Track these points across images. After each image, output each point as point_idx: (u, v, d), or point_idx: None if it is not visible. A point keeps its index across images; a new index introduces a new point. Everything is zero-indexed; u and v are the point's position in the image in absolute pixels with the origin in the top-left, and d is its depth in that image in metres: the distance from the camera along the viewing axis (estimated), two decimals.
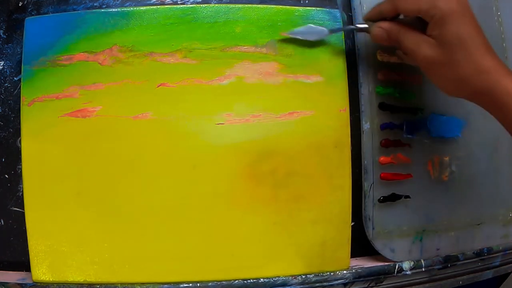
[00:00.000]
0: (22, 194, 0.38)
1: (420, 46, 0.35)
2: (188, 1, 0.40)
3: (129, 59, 0.38)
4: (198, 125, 0.39)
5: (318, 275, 0.40)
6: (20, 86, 0.38)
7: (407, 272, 0.42)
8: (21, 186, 0.39)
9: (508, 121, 0.35)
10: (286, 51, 0.40)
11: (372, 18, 0.39)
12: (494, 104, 0.35)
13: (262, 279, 0.39)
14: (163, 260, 0.38)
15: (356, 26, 0.40)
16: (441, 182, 0.43)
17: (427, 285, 0.44)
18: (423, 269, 0.42)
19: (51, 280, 0.38)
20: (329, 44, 0.41)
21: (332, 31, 0.40)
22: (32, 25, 0.38)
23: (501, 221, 0.46)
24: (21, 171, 0.38)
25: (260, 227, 0.39)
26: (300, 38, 0.40)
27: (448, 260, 0.43)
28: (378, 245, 0.42)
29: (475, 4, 0.46)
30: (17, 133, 0.39)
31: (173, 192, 0.38)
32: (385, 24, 0.37)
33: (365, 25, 0.39)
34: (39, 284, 0.38)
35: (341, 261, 0.41)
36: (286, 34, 0.39)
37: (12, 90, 0.39)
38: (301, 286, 0.40)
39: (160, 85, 0.38)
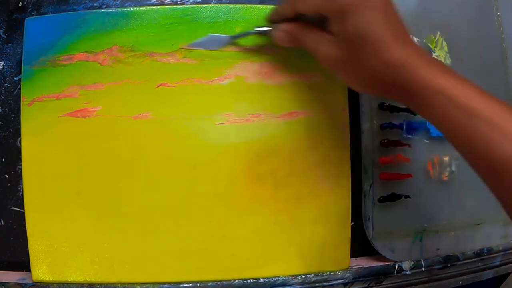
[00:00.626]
0: (22, 194, 0.38)
1: (320, 45, 0.33)
2: (188, 1, 0.40)
3: (129, 59, 0.38)
4: (198, 125, 0.39)
5: (318, 275, 0.40)
6: (20, 86, 0.38)
7: (407, 272, 0.42)
8: (21, 186, 0.39)
9: (429, 114, 0.32)
10: (286, 51, 0.40)
11: (274, 20, 0.37)
12: (412, 98, 0.32)
13: (262, 279, 0.39)
14: (163, 260, 0.38)
15: (257, 30, 0.38)
16: (441, 182, 0.43)
17: (427, 285, 0.44)
18: (423, 269, 0.42)
19: (51, 280, 0.38)
20: None
21: (233, 38, 0.38)
22: (32, 25, 0.38)
23: (501, 221, 0.46)
24: (21, 171, 0.38)
25: (260, 227, 0.39)
26: (201, 49, 0.38)
27: (448, 260, 0.43)
28: (378, 245, 0.42)
29: (475, 4, 0.46)
30: (17, 133, 0.39)
31: (173, 192, 0.38)
32: (285, 26, 0.35)
33: (267, 28, 0.37)
34: (39, 284, 0.38)
35: (341, 261, 0.41)
36: (185, 47, 0.38)
37: (12, 90, 0.39)
38: (301, 286, 0.40)
39: (160, 85, 0.38)
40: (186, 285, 0.39)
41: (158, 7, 0.39)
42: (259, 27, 0.38)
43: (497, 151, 0.29)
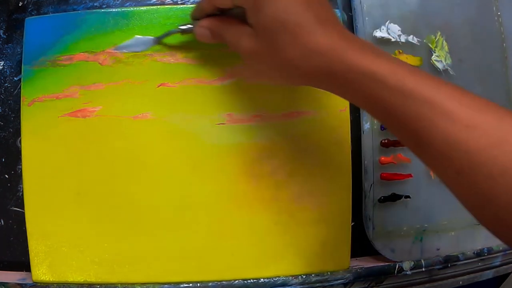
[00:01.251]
0: (22, 194, 0.38)
1: (240, 38, 0.32)
2: (188, 1, 0.40)
3: (129, 59, 0.38)
4: (198, 125, 0.39)
5: (318, 275, 0.40)
6: (20, 86, 0.38)
7: (407, 272, 0.42)
8: (21, 186, 0.39)
9: (359, 99, 0.30)
10: None
11: (196, 17, 0.36)
12: (339, 85, 0.30)
13: (262, 279, 0.39)
14: (163, 260, 0.38)
15: (180, 28, 0.37)
16: (441, 182, 0.43)
17: (427, 285, 0.44)
18: (423, 269, 0.42)
19: (51, 280, 0.38)
20: None
21: (158, 38, 0.38)
22: (32, 25, 0.38)
23: None
24: (21, 171, 0.38)
25: (260, 227, 0.39)
26: (126, 51, 0.38)
27: (448, 260, 0.43)
28: (378, 245, 0.42)
29: (475, 4, 0.46)
30: (17, 133, 0.39)
31: (173, 192, 0.38)
32: (205, 22, 0.34)
33: (189, 26, 0.36)
34: (39, 284, 0.38)
35: (341, 261, 0.41)
36: (111, 50, 0.38)
37: (12, 90, 0.39)
38: (301, 286, 0.40)
39: (160, 85, 0.38)
40: (186, 285, 0.38)
41: (158, 7, 0.39)
42: (182, 25, 0.37)
43: (436, 133, 0.27)
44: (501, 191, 0.26)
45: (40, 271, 0.38)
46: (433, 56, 0.43)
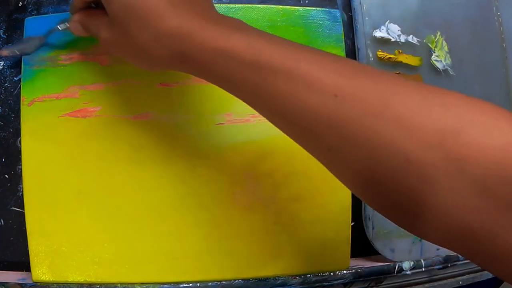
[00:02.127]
0: (22, 194, 0.38)
1: (100, 29, 0.32)
2: None
3: None
4: (198, 125, 0.39)
5: (318, 275, 0.40)
6: (20, 86, 0.38)
7: (407, 272, 0.42)
8: (21, 186, 0.39)
9: (216, 78, 0.29)
10: None
11: (72, 12, 0.35)
12: (194, 65, 0.29)
13: (262, 279, 0.39)
14: (163, 260, 0.38)
15: (58, 27, 0.36)
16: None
17: (427, 285, 0.44)
18: (423, 269, 0.42)
19: (51, 280, 0.38)
20: (329, 44, 0.41)
21: (43, 37, 0.37)
22: (32, 25, 0.38)
23: None
24: (21, 171, 0.38)
25: (260, 227, 0.39)
26: (18, 53, 0.37)
27: (448, 260, 0.43)
28: (378, 245, 0.42)
29: (475, 4, 0.46)
30: (17, 133, 0.38)
31: (173, 192, 0.38)
32: (76, 16, 0.34)
33: (66, 25, 0.35)
34: (39, 284, 0.38)
35: (341, 261, 0.41)
36: (2, 52, 0.37)
37: (12, 90, 0.39)
38: (301, 286, 0.40)
39: (160, 85, 0.38)
40: (186, 285, 0.38)
41: None
42: (61, 22, 0.36)
43: (300, 107, 0.24)
44: (383, 167, 0.23)
45: (40, 271, 0.38)
46: (433, 56, 0.43)
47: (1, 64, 0.39)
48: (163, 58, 0.29)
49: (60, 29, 0.36)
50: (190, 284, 0.39)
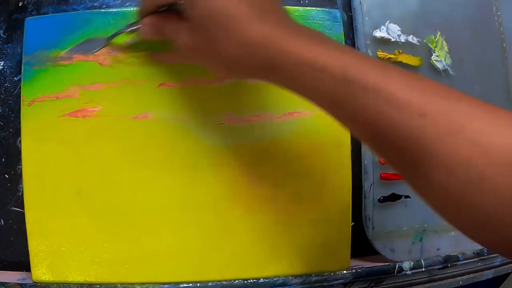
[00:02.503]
0: (22, 194, 0.38)
1: (178, 34, 0.32)
2: None
3: (129, 59, 0.38)
4: (199, 125, 0.39)
5: (318, 275, 0.40)
6: (20, 86, 0.38)
7: (407, 272, 0.42)
8: (21, 186, 0.39)
9: (300, 89, 0.29)
10: None
11: (141, 14, 0.35)
12: (277, 76, 0.29)
13: (262, 279, 0.39)
14: (163, 260, 0.38)
15: (128, 27, 0.36)
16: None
17: (427, 285, 0.44)
18: (423, 269, 0.42)
19: (51, 280, 0.38)
20: None
21: (108, 38, 0.37)
22: (32, 25, 0.38)
23: None
24: (21, 171, 0.38)
25: (260, 227, 0.39)
26: (80, 53, 0.38)
27: (448, 260, 0.43)
28: (378, 245, 0.42)
29: (475, 4, 0.46)
30: (17, 133, 0.38)
31: (173, 192, 0.38)
32: (148, 20, 0.34)
33: (138, 24, 0.36)
34: (39, 284, 0.38)
35: (341, 261, 0.41)
36: (64, 54, 0.38)
37: (12, 90, 0.39)
38: (301, 286, 0.40)
39: (160, 85, 0.38)
40: (186, 285, 0.38)
41: None
42: (130, 24, 0.36)
43: (386, 124, 0.25)
44: (461, 186, 0.24)
45: (40, 271, 0.38)
46: (433, 56, 0.43)
47: (1, 64, 0.39)
48: (246, 66, 0.29)
49: (127, 31, 0.36)
50: (190, 284, 0.39)
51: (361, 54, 0.28)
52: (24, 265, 0.39)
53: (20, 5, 0.39)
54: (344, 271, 0.40)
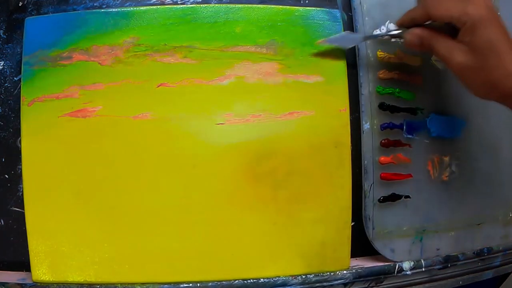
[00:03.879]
0: (22, 194, 0.38)
1: (453, 52, 0.36)
2: (188, 1, 0.40)
3: (129, 59, 0.38)
4: (198, 125, 0.39)
5: (318, 275, 0.40)
6: (20, 86, 0.38)
7: (407, 272, 0.42)
8: (21, 186, 0.39)
9: None
10: (286, 51, 0.40)
11: (404, 24, 0.39)
12: None
13: (262, 279, 0.39)
14: (163, 260, 0.38)
15: (390, 33, 0.40)
16: (441, 182, 0.43)
17: (427, 285, 0.44)
18: (423, 269, 0.42)
19: (51, 280, 0.38)
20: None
21: (366, 38, 0.40)
22: (32, 25, 0.38)
23: (501, 221, 0.46)
24: (21, 171, 0.38)
25: (260, 227, 0.39)
26: (336, 46, 0.40)
27: (448, 260, 0.43)
28: (378, 245, 0.42)
29: None
30: (17, 133, 0.39)
31: (173, 192, 0.38)
32: (418, 31, 0.38)
33: (399, 31, 0.39)
34: (39, 284, 0.38)
35: (341, 261, 0.41)
36: (321, 43, 0.40)
37: (12, 90, 0.39)
38: (301, 286, 0.40)
39: (160, 85, 0.38)
40: (186, 285, 0.39)
41: (158, 7, 0.39)
42: (391, 30, 0.40)
43: None
44: None
45: (40, 271, 0.38)
46: (433, 56, 0.43)
47: (1, 64, 0.39)
48: (505, 91, 0.35)
49: (391, 35, 0.40)
50: (190, 284, 0.39)
51: None
52: (24, 265, 0.39)
53: (20, 5, 0.39)
54: (344, 271, 0.40)
